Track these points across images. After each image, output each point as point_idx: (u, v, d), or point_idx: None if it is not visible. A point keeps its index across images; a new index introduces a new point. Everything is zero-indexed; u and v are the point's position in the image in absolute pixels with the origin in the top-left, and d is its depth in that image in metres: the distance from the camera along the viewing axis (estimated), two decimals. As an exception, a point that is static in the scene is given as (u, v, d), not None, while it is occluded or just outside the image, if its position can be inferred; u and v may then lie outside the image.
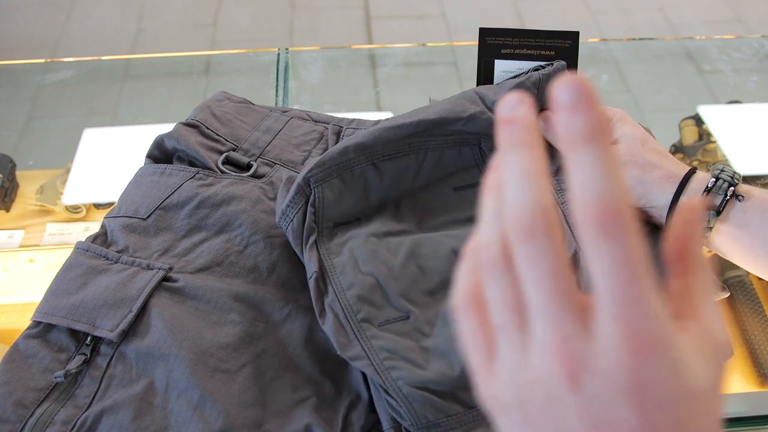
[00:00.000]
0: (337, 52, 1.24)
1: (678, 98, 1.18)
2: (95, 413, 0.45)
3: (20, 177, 0.98)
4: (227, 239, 0.53)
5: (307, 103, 1.05)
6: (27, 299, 0.91)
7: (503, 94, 0.54)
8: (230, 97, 0.66)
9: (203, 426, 0.44)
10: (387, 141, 0.53)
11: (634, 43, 1.25)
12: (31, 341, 0.48)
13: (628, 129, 0.56)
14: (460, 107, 0.54)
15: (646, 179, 0.53)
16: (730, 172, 0.51)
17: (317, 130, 0.62)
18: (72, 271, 0.51)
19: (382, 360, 0.45)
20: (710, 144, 1.00)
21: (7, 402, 0.45)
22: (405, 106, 0.61)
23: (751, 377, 0.85)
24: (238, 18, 2.29)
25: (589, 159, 0.21)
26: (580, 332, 0.23)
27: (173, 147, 0.59)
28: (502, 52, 0.60)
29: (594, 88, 0.21)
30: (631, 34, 2.24)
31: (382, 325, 0.46)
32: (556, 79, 0.22)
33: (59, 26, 2.24)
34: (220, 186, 0.56)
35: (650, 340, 0.23)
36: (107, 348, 0.48)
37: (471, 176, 0.56)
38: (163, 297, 0.49)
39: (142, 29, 2.22)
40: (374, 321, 0.46)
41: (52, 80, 1.12)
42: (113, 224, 0.54)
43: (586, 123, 0.21)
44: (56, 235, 0.91)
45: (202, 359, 0.46)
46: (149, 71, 1.24)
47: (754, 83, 1.16)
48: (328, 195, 0.51)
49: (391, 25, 2.28)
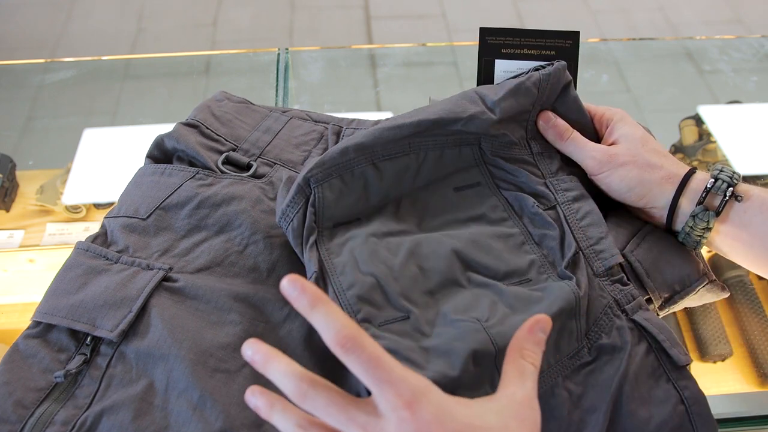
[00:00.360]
0: (337, 52, 1.24)
1: (678, 98, 1.18)
2: (95, 413, 0.45)
3: (20, 177, 0.99)
4: (227, 239, 0.53)
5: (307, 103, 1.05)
6: (27, 299, 0.91)
7: None
8: (230, 97, 0.66)
9: (203, 426, 0.44)
10: (387, 141, 0.53)
11: (634, 43, 1.25)
12: (31, 341, 0.48)
13: (628, 129, 0.56)
14: (460, 107, 0.54)
15: (646, 180, 0.53)
16: (729, 172, 0.51)
17: (317, 130, 0.62)
18: (72, 271, 0.51)
19: (383, 360, 0.45)
20: (710, 144, 1.00)
21: (7, 402, 0.45)
22: (405, 106, 0.61)
23: (751, 377, 0.85)
24: (238, 18, 2.29)
25: (319, 315, 0.33)
26: (371, 416, 0.33)
27: (173, 147, 0.59)
28: (502, 51, 0.60)
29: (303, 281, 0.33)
30: (631, 34, 2.24)
31: (382, 325, 0.46)
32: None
33: (59, 26, 2.24)
34: (220, 186, 0.56)
35: (410, 395, 0.33)
36: (107, 348, 0.48)
37: (471, 176, 0.56)
38: (163, 297, 0.49)
39: (142, 29, 2.23)
40: (374, 321, 0.46)
41: (52, 80, 1.12)
42: (113, 224, 0.54)
43: (308, 296, 0.33)
44: (56, 235, 0.91)
45: (202, 359, 0.46)
46: (149, 71, 1.24)
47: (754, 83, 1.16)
48: (328, 195, 0.51)
49: (391, 25, 2.28)
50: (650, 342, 0.48)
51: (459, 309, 0.47)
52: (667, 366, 0.47)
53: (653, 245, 0.53)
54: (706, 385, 0.83)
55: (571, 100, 0.58)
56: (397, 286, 0.48)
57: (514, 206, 0.55)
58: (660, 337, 0.47)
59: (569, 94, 0.57)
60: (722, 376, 0.85)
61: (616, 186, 0.54)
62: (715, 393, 0.82)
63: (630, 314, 0.49)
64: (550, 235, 0.52)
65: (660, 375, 0.47)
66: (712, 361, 0.86)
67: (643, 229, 0.54)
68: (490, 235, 0.52)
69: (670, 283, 0.52)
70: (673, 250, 0.53)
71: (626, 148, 0.54)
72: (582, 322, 0.48)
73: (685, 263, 0.53)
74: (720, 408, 0.72)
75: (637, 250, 0.53)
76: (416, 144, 0.54)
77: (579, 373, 0.47)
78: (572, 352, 0.47)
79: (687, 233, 0.52)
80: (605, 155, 0.54)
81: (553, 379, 0.46)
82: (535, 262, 0.51)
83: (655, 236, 0.54)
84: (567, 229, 0.52)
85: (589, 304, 0.49)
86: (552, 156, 0.57)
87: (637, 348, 0.47)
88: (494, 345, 0.44)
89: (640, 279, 0.52)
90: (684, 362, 0.47)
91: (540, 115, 0.57)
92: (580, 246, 0.52)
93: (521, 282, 0.50)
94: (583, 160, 0.56)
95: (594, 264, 0.51)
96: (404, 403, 0.33)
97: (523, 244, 0.52)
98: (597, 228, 0.52)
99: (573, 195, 0.55)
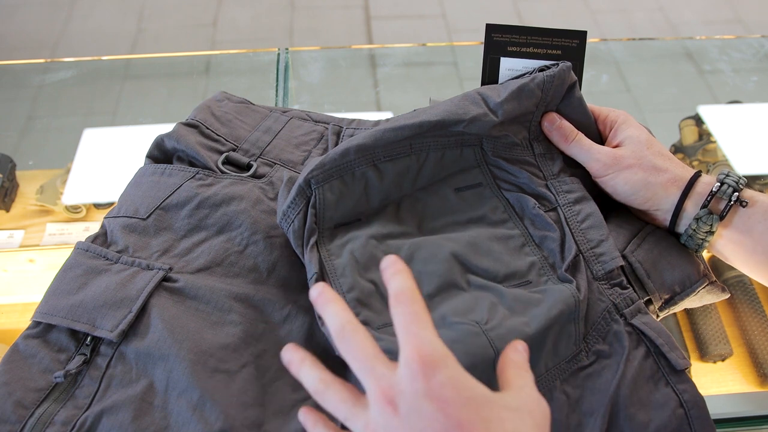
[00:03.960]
0: (337, 52, 1.24)
1: (678, 98, 1.18)
2: (95, 414, 0.45)
3: (20, 177, 0.98)
4: (227, 239, 0.53)
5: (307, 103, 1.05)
6: (27, 299, 0.91)
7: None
8: (230, 97, 0.66)
9: (203, 426, 0.44)
10: (388, 142, 0.53)
11: (634, 43, 1.25)
12: (30, 341, 0.48)
13: (633, 131, 0.56)
14: (462, 109, 0.54)
15: (651, 182, 0.53)
16: (735, 177, 0.51)
17: (317, 130, 0.62)
18: (72, 271, 0.51)
19: (382, 361, 0.45)
20: (710, 144, 1.00)
21: (7, 402, 0.45)
22: (405, 106, 0.61)
23: (751, 377, 0.85)
24: (238, 18, 2.29)
25: (394, 277, 0.35)
26: (390, 370, 0.33)
27: (173, 147, 0.59)
28: (508, 49, 0.60)
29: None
30: (631, 34, 2.24)
31: (381, 328, 0.46)
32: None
33: (59, 26, 2.24)
34: (220, 186, 0.56)
35: (429, 354, 0.33)
36: (107, 348, 0.48)
37: (472, 177, 0.56)
38: (163, 297, 0.49)
39: (142, 29, 2.22)
40: (373, 324, 0.46)
41: (52, 80, 1.12)
42: (113, 224, 0.54)
43: (400, 283, 0.35)
44: (56, 235, 0.91)
45: (202, 359, 0.46)
46: (149, 71, 1.24)
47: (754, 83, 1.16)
48: (328, 196, 0.51)
49: (391, 25, 2.28)
50: (649, 346, 0.48)
51: (458, 312, 0.47)
52: (666, 370, 0.47)
53: (654, 246, 0.53)
54: (706, 385, 0.84)
55: (576, 102, 0.57)
56: None
57: (515, 207, 0.55)
58: (658, 341, 0.47)
59: (574, 95, 0.57)
60: (722, 376, 0.85)
61: (621, 188, 0.54)
62: (715, 393, 0.82)
63: (628, 318, 0.49)
64: (551, 236, 0.52)
65: (659, 379, 0.47)
66: (712, 361, 0.86)
67: (644, 230, 0.54)
68: (490, 237, 0.52)
69: (671, 285, 0.52)
70: (674, 251, 0.53)
71: (631, 151, 0.54)
72: (581, 325, 0.48)
73: (685, 264, 0.52)
74: (720, 408, 0.72)
75: (638, 250, 0.52)
76: (417, 145, 0.54)
77: (577, 376, 0.47)
78: (570, 355, 0.47)
79: (690, 236, 0.52)
80: (610, 158, 0.54)
81: (551, 382, 0.46)
82: (535, 264, 0.51)
83: (656, 237, 0.54)
84: (567, 231, 0.52)
85: (588, 308, 0.49)
86: (554, 157, 0.57)
87: (636, 352, 0.47)
88: (493, 348, 0.44)
89: (641, 280, 0.52)
90: (682, 366, 0.47)
91: (544, 116, 0.57)
92: (580, 249, 0.51)
93: (521, 284, 0.50)
94: (587, 162, 0.56)
95: (594, 267, 0.51)
96: (420, 359, 0.33)
97: (524, 246, 0.52)
98: (598, 230, 0.52)
99: (574, 197, 0.54)
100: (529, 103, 0.55)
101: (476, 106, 0.54)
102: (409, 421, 0.32)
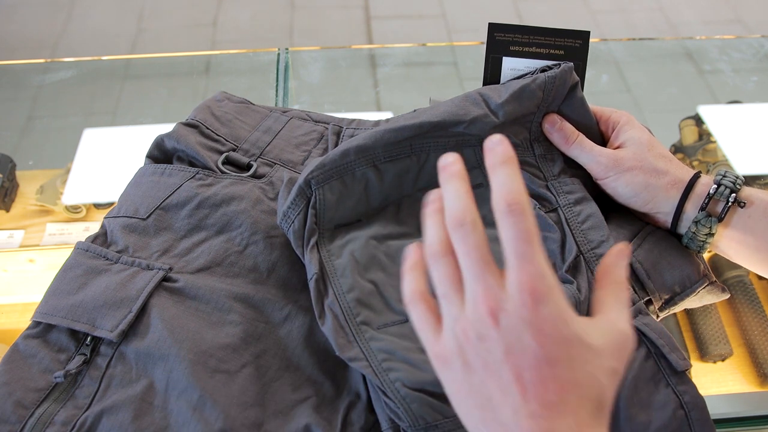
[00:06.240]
0: (337, 52, 1.24)
1: (678, 98, 1.18)
2: (95, 414, 0.45)
3: (20, 177, 0.98)
4: (227, 239, 0.53)
5: (307, 103, 1.05)
6: (27, 299, 0.91)
7: (509, 93, 0.54)
8: (230, 97, 0.66)
9: (203, 426, 0.44)
10: (388, 143, 0.53)
11: (634, 43, 1.25)
12: (30, 341, 0.48)
13: (635, 133, 0.55)
14: (463, 110, 0.54)
15: (652, 185, 0.53)
16: (732, 177, 0.51)
17: (317, 130, 0.62)
18: (72, 271, 0.51)
19: (381, 361, 0.45)
20: (710, 144, 1.00)
21: (7, 402, 0.45)
22: (405, 106, 0.61)
23: (751, 377, 0.85)
24: (238, 18, 2.29)
25: (503, 172, 0.33)
26: (498, 284, 0.33)
27: (173, 147, 0.59)
28: (510, 49, 0.59)
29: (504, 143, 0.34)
30: (631, 34, 2.24)
31: (381, 328, 0.46)
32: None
33: (59, 26, 2.24)
34: (220, 186, 0.56)
35: (540, 286, 0.32)
36: (107, 348, 0.48)
37: (472, 177, 0.56)
38: (162, 297, 0.49)
39: (142, 29, 2.22)
40: (373, 324, 0.46)
41: (52, 80, 1.12)
42: (113, 224, 0.54)
43: (502, 153, 0.34)
44: (56, 235, 0.91)
45: (202, 360, 0.46)
46: (149, 71, 1.24)
47: (754, 83, 1.16)
48: (329, 197, 0.51)
49: (391, 25, 2.28)
50: (649, 347, 0.48)
51: None
52: (667, 371, 0.47)
53: (654, 246, 0.53)
54: (706, 385, 0.84)
55: (578, 102, 0.57)
56: (395, 293, 0.48)
57: (515, 208, 0.55)
58: (659, 342, 0.47)
59: (576, 96, 0.57)
60: (722, 376, 0.85)
61: (622, 190, 0.54)
62: (715, 393, 0.82)
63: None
64: (551, 237, 0.52)
65: (659, 380, 0.47)
66: (712, 361, 0.86)
67: (644, 230, 0.54)
68: (491, 238, 0.52)
69: (671, 285, 0.52)
70: (674, 251, 0.53)
71: (633, 153, 0.54)
72: None
73: (685, 265, 0.52)
74: (720, 408, 0.72)
75: (638, 251, 0.52)
76: (417, 145, 0.54)
77: None
78: None
79: (690, 238, 0.52)
80: (611, 159, 0.54)
81: None
82: (535, 264, 0.51)
83: (656, 237, 0.54)
84: (568, 232, 0.52)
85: (589, 309, 0.49)
86: (554, 158, 0.57)
87: (636, 353, 0.47)
88: None
89: (641, 280, 0.51)
90: (683, 367, 0.47)
91: (546, 117, 0.57)
92: (580, 249, 0.51)
93: (522, 283, 0.50)
94: (588, 164, 0.56)
95: (594, 268, 0.51)
96: (531, 289, 0.32)
97: (524, 246, 0.52)
98: (598, 231, 0.52)
99: (574, 198, 0.54)
100: (530, 104, 0.55)
101: (477, 107, 0.54)
102: (505, 340, 0.32)
